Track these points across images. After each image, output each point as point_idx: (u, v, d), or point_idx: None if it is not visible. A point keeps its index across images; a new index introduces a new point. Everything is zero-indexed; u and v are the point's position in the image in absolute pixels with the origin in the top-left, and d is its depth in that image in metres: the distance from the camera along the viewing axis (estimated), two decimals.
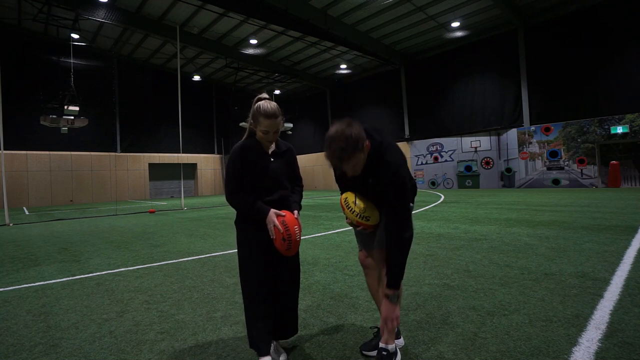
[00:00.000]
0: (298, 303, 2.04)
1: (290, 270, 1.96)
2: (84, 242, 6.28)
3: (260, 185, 1.85)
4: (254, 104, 1.84)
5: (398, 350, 1.81)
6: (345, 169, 1.68)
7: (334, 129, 1.62)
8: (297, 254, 2.00)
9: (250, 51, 21.30)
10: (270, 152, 1.90)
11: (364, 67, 23.02)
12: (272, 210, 1.78)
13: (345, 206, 1.86)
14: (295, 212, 1.89)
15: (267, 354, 1.79)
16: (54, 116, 17.00)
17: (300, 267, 2.09)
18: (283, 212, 1.81)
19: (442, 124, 19.83)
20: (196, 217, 9.96)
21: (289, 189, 1.97)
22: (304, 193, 23.10)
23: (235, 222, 1.92)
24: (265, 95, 1.87)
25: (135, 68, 23.86)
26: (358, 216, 1.82)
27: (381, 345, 1.75)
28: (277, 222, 1.75)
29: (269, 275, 1.87)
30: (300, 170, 2.09)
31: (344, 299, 2.76)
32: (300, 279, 3.29)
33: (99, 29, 19.31)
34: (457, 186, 19.39)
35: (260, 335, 1.80)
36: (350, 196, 1.87)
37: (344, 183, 1.98)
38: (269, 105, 1.80)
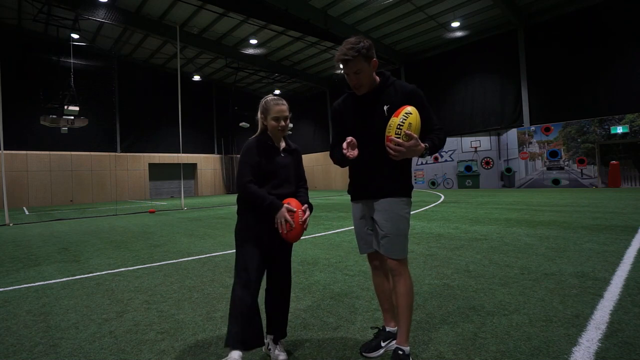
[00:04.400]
0: (288, 308, 2.03)
1: (282, 272, 1.99)
2: (84, 242, 6.27)
3: (269, 178, 1.93)
4: (262, 101, 2.00)
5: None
6: (348, 73, 1.77)
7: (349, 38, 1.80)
8: (289, 260, 2.02)
9: (250, 51, 21.30)
10: (281, 148, 2.01)
11: None
12: (285, 206, 1.83)
13: (401, 116, 1.66)
14: (306, 205, 1.95)
15: (249, 347, 1.74)
16: (54, 116, 16.98)
17: (300, 267, 2.09)
18: (293, 207, 1.84)
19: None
20: (196, 217, 9.96)
21: (294, 187, 2.03)
22: None
23: (238, 212, 1.97)
24: (270, 95, 2.05)
25: (135, 68, 23.85)
26: (397, 135, 1.65)
27: (397, 345, 1.78)
28: (287, 217, 1.81)
29: (262, 268, 1.88)
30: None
31: (344, 299, 2.75)
32: (300, 279, 3.31)
33: (99, 29, 19.31)
34: (457, 186, 19.39)
35: (246, 329, 1.74)
36: (414, 116, 1.67)
37: (344, 133, 1.90)
38: (275, 97, 1.98)
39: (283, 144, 2.02)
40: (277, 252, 1.96)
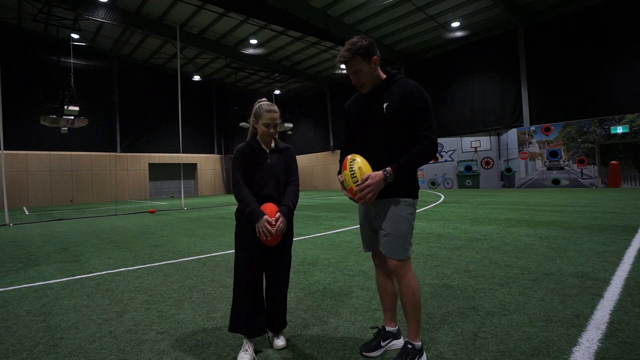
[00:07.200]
0: (286, 299, 2.17)
1: (280, 266, 2.13)
2: (84, 242, 6.27)
3: (256, 179, 2.10)
4: (255, 105, 2.14)
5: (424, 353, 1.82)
6: (349, 74, 1.82)
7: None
8: (289, 252, 2.17)
9: (250, 51, 21.30)
10: (268, 150, 2.15)
11: None
12: (265, 217, 1.96)
13: (349, 167, 1.73)
14: (279, 214, 2.01)
15: (252, 335, 1.99)
16: (54, 116, 16.96)
17: (300, 267, 2.12)
18: (272, 219, 1.98)
19: (442, 124, 19.84)
20: (196, 217, 9.96)
21: (282, 184, 2.16)
22: (304, 193, 22.89)
23: (235, 213, 2.14)
24: (264, 99, 2.19)
25: (135, 68, 23.85)
26: (356, 184, 1.70)
27: (407, 339, 1.79)
28: (267, 227, 1.95)
29: (261, 266, 2.07)
30: (299, 170, 2.20)
31: (344, 299, 2.76)
32: (300, 279, 3.31)
33: (99, 29, 19.30)
34: (457, 186, 19.39)
35: (243, 319, 2.00)
36: (358, 160, 1.73)
37: (350, 130, 1.99)
38: (268, 103, 2.13)
39: (272, 145, 2.16)
40: (273, 248, 2.08)
